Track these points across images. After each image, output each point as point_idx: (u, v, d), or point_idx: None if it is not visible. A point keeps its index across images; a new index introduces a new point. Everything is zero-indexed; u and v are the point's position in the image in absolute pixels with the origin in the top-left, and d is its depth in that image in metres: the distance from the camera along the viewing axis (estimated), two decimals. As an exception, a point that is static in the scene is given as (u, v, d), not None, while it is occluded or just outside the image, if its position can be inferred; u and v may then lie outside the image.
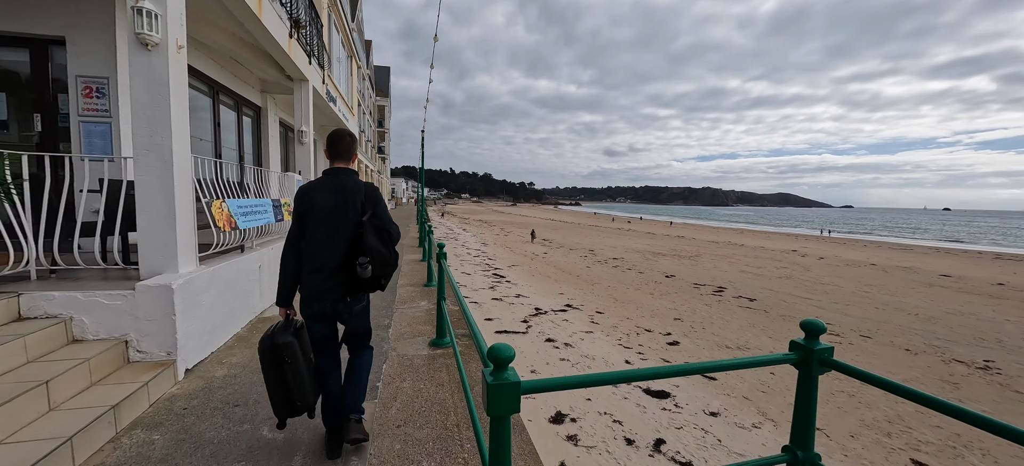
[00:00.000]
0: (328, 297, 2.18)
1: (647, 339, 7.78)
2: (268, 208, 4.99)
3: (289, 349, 2.10)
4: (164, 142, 3.24)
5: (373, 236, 2.16)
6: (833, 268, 19.06)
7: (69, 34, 4.53)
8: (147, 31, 3.09)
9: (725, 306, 10.84)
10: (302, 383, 2.13)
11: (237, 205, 4.20)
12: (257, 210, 4.66)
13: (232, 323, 4.17)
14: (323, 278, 2.16)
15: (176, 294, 3.16)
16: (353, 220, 2.19)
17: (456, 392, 3.06)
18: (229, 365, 3.53)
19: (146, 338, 3.15)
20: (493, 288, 11.43)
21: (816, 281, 15.43)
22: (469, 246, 22.36)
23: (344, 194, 2.22)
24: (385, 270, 2.18)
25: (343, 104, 11.89)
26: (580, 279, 13.89)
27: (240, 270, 4.33)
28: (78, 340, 3.12)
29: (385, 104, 42.26)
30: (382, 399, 2.97)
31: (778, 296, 12.33)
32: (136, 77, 3.17)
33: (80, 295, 3.09)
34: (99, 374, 2.91)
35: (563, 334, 7.69)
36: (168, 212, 3.31)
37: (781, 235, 44.87)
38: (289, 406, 2.14)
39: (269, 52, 5.96)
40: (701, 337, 8.10)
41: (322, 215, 2.19)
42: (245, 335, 4.28)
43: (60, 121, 4.56)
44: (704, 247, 26.95)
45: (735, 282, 14.46)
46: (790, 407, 5.53)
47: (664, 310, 10.12)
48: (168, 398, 2.98)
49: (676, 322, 9.08)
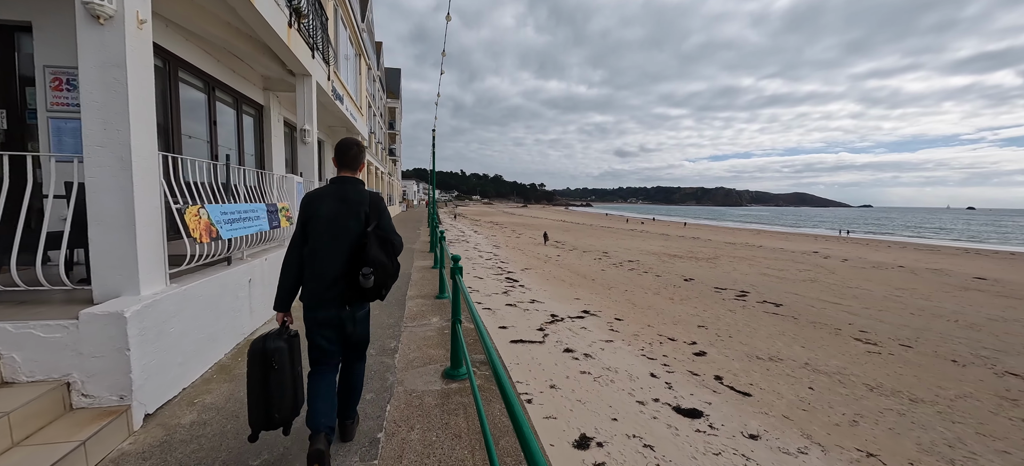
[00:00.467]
0: (331, 305, 2.19)
1: (671, 349, 7.34)
2: (261, 214, 4.42)
3: (279, 355, 2.09)
4: (120, 136, 2.71)
5: (377, 247, 2.16)
6: (859, 270, 18.29)
7: (36, 19, 3.97)
8: (98, 1, 2.55)
9: (750, 312, 10.32)
10: (284, 394, 2.10)
11: (220, 211, 3.64)
12: (247, 216, 4.09)
13: (211, 350, 3.53)
14: (325, 286, 2.17)
15: (130, 323, 2.56)
16: (356, 230, 2.20)
17: (477, 448, 2.49)
18: (201, 407, 2.91)
19: (92, 379, 2.54)
20: (507, 293, 11.08)
21: (843, 284, 14.76)
22: (481, 249, 22.06)
23: (348, 204, 2.23)
24: (387, 281, 2.20)
25: (351, 104, 11.53)
26: (595, 283, 13.46)
27: (224, 286, 3.72)
28: (8, 383, 2.48)
29: (396, 106, 42.17)
30: (385, 458, 2.38)
31: (805, 301, 11.75)
32: (86, 58, 2.64)
33: (10, 326, 2.48)
34: (29, 428, 2.29)
35: (582, 343, 7.30)
36: (126, 221, 2.74)
37: (800, 236, 43.71)
38: (267, 417, 2.08)
39: (267, 43, 5.56)
40: (728, 347, 7.63)
41: (325, 223, 2.20)
42: (228, 363, 3.61)
43: (28, 117, 4.10)
44: (721, 249, 26.25)
45: (758, 286, 13.88)
46: (835, 426, 5.09)
47: (686, 316, 9.65)
48: (115, 459, 2.34)
49: (700, 330, 8.62)
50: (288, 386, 2.12)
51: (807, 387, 5.94)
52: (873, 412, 5.30)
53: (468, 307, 2.82)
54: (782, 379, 6.20)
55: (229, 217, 3.75)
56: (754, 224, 73.48)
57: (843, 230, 54.78)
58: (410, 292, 6.42)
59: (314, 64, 7.01)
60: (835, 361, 7.10)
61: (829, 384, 6.12)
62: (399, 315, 5.18)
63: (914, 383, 6.33)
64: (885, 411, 5.36)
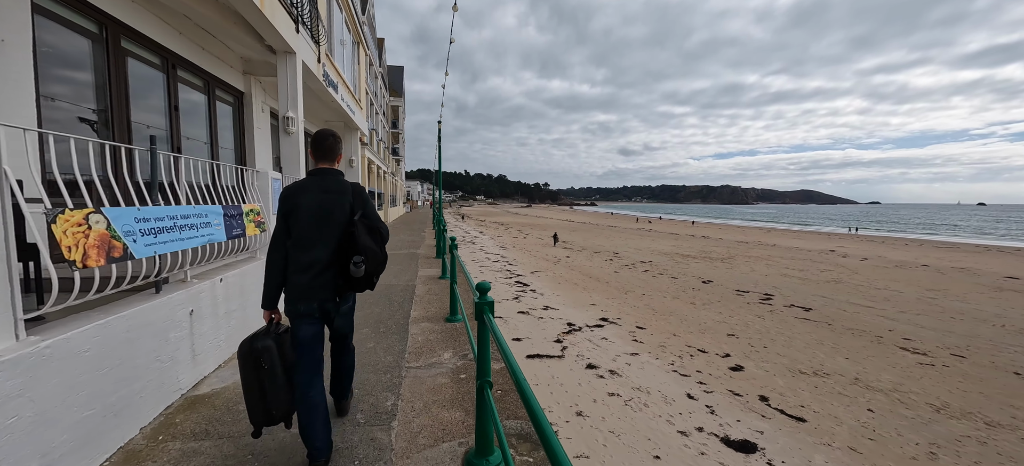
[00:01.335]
0: (316, 297, 2.13)
1: (704, 363, 6.66)
2: (213, 220, 3.26)
3: (268, 354, 2.05)
4: None
5: (366, 235, 2.13)
6: (883, 270, 17.49)
7: None
8: None
9: (779, 317, 9.61)
10: (278, 391, 2.07)
11: (133, 217, 2.45)
12: (187, 224, 2.96)
13: (115, 428, 2.29)
14: (311, 278, 2.11)
15: None
16: (341, 220, 2.14)
17: None
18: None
19: None
20: (518, 299, 10.42)
21: (869, 285, 14.00)
22: (487, 250, 21.43)
23: (330, 194, 2.16)
24: (377, 268, 2.17)
25: (348, 94, 10.53)
26: (610, 286, 12.79)
27: (145, 325, 2.56)
28: None
29: (399, 104, 41.48)
30: None
31: (835, 304, 11.01)
32: None
33: None
34: None
35: (605, 357, 6.63)
36: None
37: (812, 234, 42.74)
38: (265, 414, 2.06)
39: (236, 8, 4.59)
40: (765, 359, 6.94)
41: (308, 215, 2.13)
42: (143, 446, 2.34)
43: None
44: (735, 248, 25.46)
45: (781, 287, 13.15)
46: (913, 461, 4.37)
47: (712, 323, 8.96)
48: None
49: (730, 339, 7.93)
50: (281, 384, 2.07)
51: (865, 409, 5.25)
52: (949, 440, 4.61)
53: (505, 359, 1.59)
54: (835, 399, 5.51)
55: (152, 226, 2.60)
56: (763, 223, 72.32)
57: (852, 227, 53.70)
58: (414, 312, 5.10)
59: (299, 40, 5.99)
60: (887, 375, 6.39)
61: (888, 404, 5.42)
62: (400, 349, 3.84)
63: (982, 402, 5.62)
64: (962, 439, 4.66)
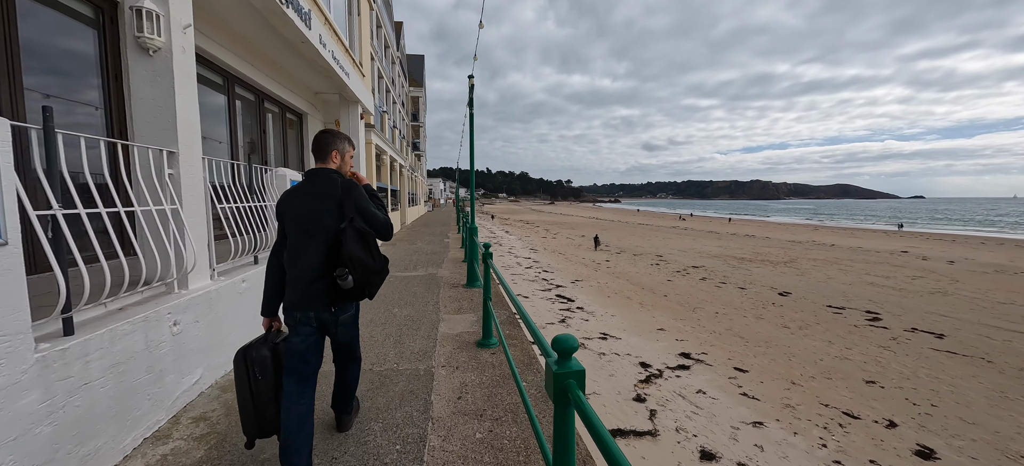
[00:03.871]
0: (311, 307, 2.05)
1: (865, 438, 4.52)
2: None
3: (261, 363, 2.04)
4: None
5: (354, 242, 1.99)
6: (985, 277, 14.64)
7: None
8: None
9: (912, 351, 7.32)
10: (268, 403, 2.03)
11: None
12: None
13: None
14: (302, 288, 2.03)
15: None
16: (329, 225, 2.04)
17: None
18: None
19: None
20: (565, 322, 8.40)
21: (985, 297, 11.35)
22: (516, 252, 19.52)
23: (316, 198, 2.07)
24: (369, 278, 2.05)
25: (338, 46, 7.86)
26: (670, 301, 10.65)
27: None
28: None
29: (420, 95, 39.47)
30: None
31: (968, 327, 8.56)
32: None
33: None
34: None
35: (719, 433, 4.55)
36: None
37: (868, 232, 38.91)
38: (258, 424, 2.03)
39: None
40: (955, 431, 4.74)
41: (296, 221, 2.06)
42: None
43: None
44: (789, 248, 22.73)
45: (879, 301, 10.71)
46: None
47: (830, 360, 6.77)
48: None
49: (872, 388, 5.75)
50: (270, 396, 2.03)
51: None
52: None
53: None
54: None
55: None
56: (806, 218, 67.78)
57: (899, 224, 49.34)
58: (435, 394, 3.08)
59: None
60: None
61: None
62: (424, 420, 2.66)
63: None
64: None
